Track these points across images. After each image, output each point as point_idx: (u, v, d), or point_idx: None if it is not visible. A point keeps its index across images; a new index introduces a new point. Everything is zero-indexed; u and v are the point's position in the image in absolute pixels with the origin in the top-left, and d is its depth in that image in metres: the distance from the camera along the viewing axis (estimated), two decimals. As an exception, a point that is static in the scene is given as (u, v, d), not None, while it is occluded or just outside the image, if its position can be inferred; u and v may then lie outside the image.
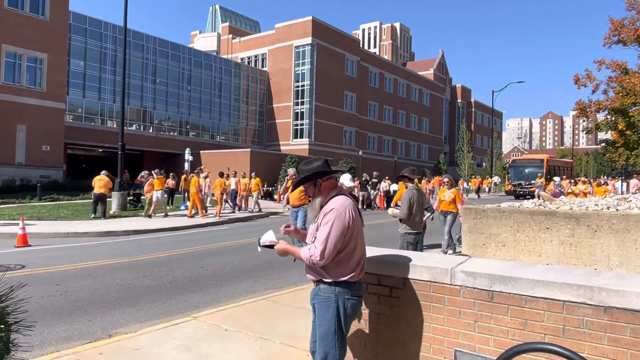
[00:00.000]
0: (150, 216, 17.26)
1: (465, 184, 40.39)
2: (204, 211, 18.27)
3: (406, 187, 7.19)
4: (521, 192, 33.44)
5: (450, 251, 10.22)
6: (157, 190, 17.39)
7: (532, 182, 32.03)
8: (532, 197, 18.69)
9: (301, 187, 3.21)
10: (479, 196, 38.52)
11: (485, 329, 2.98)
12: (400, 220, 7.07)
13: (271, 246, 3.09)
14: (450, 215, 10.45)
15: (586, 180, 21.18)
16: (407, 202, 6.91)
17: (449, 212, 10.48)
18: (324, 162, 3.12)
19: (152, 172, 18.54)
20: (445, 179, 10.73)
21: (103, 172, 17.21)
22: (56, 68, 31.47)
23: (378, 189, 26.00)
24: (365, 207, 23.49)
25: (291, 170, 12.18)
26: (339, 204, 2.93)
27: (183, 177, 22.71)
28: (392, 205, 10.28)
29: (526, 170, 35.81)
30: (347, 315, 3.00)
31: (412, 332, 3.30)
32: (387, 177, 32.46)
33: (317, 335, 3.05)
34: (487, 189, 44.48)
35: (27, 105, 29.80)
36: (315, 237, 2.93)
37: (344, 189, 3.17)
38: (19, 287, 1.64)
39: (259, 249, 3.17)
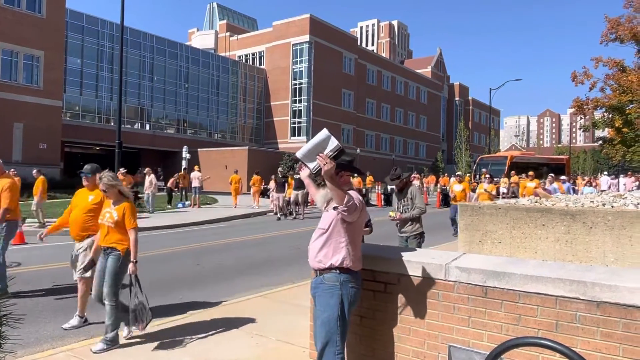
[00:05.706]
0: None
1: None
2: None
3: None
4: None
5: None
6: None
7: (496, 179, 31.91)
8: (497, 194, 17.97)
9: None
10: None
11: (479, 324, 2.99)
12: (412, 220, 6.58)
13: (338, 150, 2.89)
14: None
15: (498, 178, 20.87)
16: (422, 198, 6.64)
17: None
18: (352, 160, 3.29)
19: None
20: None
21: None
22: (53, 66, 31.33)
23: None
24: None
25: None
26: (353, 196, 3.09)
27: (181, 175, 22.66)
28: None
29: (491, 168, 35.81)
30: (350, 302, 3.08)
31: (406, 328, 3.31)
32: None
33: (318, 322, 3.08)
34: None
35: (23, 103, 29.68)
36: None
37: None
38: (9, 279, 1.64)
39: (329, 137, 2.97)
